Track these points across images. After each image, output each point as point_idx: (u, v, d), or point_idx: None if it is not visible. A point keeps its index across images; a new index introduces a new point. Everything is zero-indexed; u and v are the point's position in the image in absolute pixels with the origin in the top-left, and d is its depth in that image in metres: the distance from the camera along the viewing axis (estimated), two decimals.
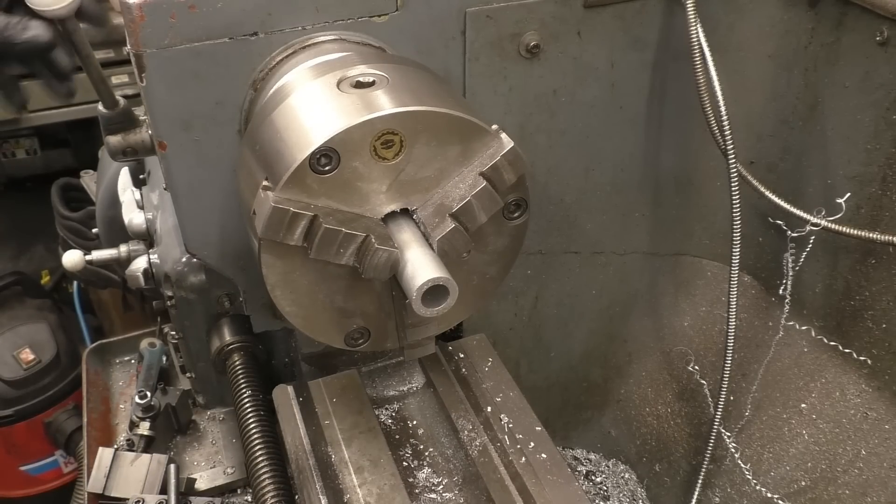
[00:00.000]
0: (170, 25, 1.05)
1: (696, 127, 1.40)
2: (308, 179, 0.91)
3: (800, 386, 1.54)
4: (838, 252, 1.43)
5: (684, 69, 1.32)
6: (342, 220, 0.93)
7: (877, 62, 1.27)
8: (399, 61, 1.07)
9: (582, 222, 1.55)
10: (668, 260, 1.71)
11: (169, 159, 1.15)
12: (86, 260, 1.55)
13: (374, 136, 0.91)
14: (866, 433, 1.42)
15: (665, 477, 1.77)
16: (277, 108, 1.00)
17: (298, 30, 1.12)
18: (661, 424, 1.78)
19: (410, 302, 0.92)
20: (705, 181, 1.57)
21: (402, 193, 0.97)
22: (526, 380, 1.74)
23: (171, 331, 1.64)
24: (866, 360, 1.42)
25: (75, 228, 2.43)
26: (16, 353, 2.35)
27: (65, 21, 1.14)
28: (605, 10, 1.30)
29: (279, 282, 0.99)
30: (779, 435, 1.55)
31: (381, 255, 0.94)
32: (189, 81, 1.09)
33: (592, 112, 1.40)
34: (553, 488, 1.13)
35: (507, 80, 1.30)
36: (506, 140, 0.96)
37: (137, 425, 1.48)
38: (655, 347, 1.79)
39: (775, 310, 1.57)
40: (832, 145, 1.40)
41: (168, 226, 1.42)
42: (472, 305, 1.13)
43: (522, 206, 1.04)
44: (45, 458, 2.47)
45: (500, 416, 1.24)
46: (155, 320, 1.76)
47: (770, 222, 1.50)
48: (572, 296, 1.67)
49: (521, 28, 1.26)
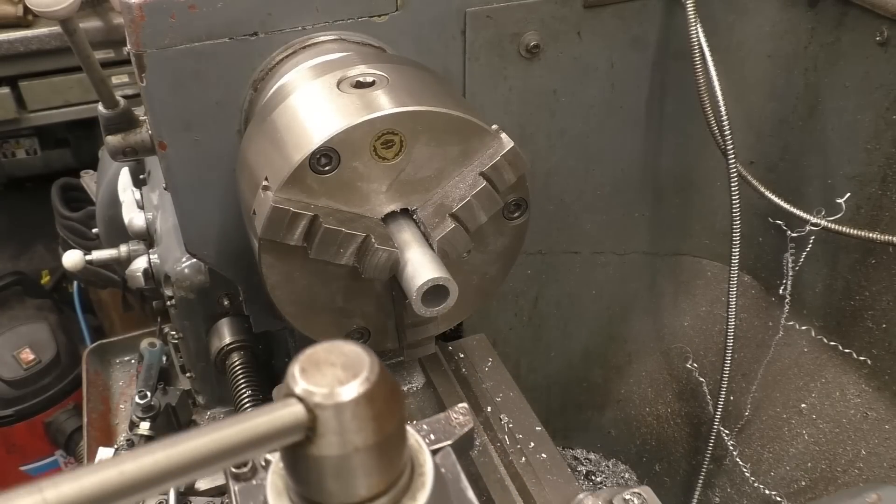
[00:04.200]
0: (170, 25, 1.05)
1: (696, 127, 1.40)
2: (308, 179, 0.91)
3: (800, 386, 1.54)
4: (838, 252, 1.43)
5: (684, 69, 1.32)
6: (342, 220, 0.93)
7: (877, 62, 1.27)
8: (399, 61, 1.07)
9: (582, 222, 1.55)
10: (668, 260, 1.71)
11: (169, 159, 1.15)
12: (86, 260, 1.55)
13: (374, 136, 0.91)
14: (866, 433, 1.42)
15: (665, 477, 1.77)
16: (277, 108, 1.00)
17: (298, 30, 1.12)
18: (661, 424, 1.78)
19: (410, 302, 0.92)
20: (705, 181, 1.57)
21: (402, 193, 0.97)
22: (526, 380, 1.74)
23: (171, 331, 1.63)
24: (866, 360, 1.42)
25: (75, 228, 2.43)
26: (16, 353, 2.36)
27: (65, 21, 1.14)
28: (605, 10, 1.30)
29: (279, 282, 0.99)
30: (779, 435, 1.55)
31: (381, 255, 0.94)
32: (189, 81, 1.09)
33: (592, 112, 1.40)
34: (553, 488, 1.13)
35: (507, 80, 1.30)
36: (506, 140, 0.96)
37: (137, 425, 1.48)
38: (655, 347, 1.79)
39: (775, 310, 1.57)
40: (832, 145, 1.40)
41: (168, 226, 1.42)
42: (472, 305, 1.13)
43: (522, 206, 1.04)
44: (45, 458, 2.47)
45: (500, 416, 1.24)
46: (155, 320, 1.75)
47: (770, 222, 1.50)
48: (572, 296, 1.67)
49: (521, 28, 1.26)
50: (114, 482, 0.41)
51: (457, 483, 0.60)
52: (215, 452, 0.45)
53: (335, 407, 0.47)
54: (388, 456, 0.51)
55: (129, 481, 0.42)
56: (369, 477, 0.50)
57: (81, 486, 0.40)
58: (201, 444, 0.45)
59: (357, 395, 0.48)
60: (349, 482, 0.50)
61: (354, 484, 0.50)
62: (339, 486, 0.50)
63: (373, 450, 0.49)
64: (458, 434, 0.66)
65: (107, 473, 0.41)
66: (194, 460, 0.44)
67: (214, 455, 0.45)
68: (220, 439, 0.46)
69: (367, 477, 0.50)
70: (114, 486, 0.41)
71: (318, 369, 0.49)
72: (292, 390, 0.48)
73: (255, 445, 0.46)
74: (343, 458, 0.48)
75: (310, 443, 0.48)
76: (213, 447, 0.45)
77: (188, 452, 0.44)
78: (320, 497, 0.51)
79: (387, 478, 0.52)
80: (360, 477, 0.50)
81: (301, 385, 0.48)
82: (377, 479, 0.51)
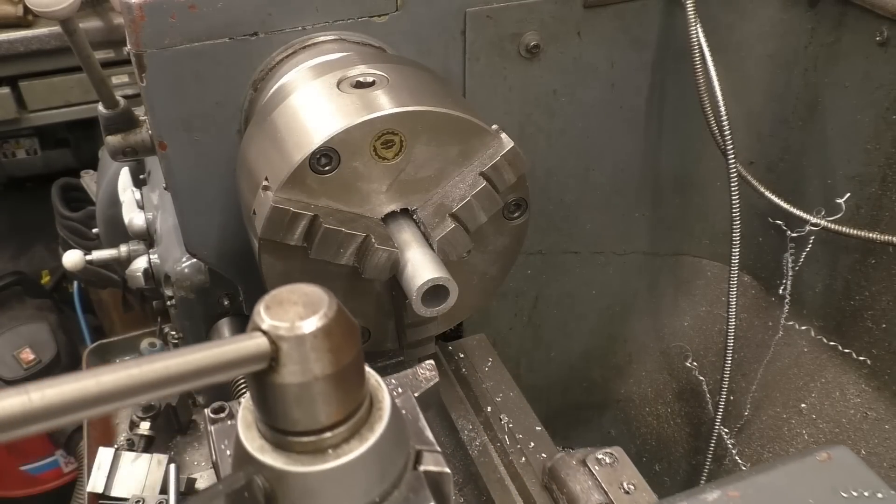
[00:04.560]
0: (170, 25, 1.05)
1: (696, 127, 1.40)
2: (308, 179, 0.91)
3: (799, 386, 1.54)
4: (838, 252, 1.43)
5: (684, 69, 1.32)
6: (342, 220, 0.94)
7: (877, 62, 1.27)
8: (399, 61, 1.07)
9: (582, 222, 1.55)
10: (668, 260, 1.71)
11: (169, 159, 1.15)
12: (86, 260, 1.55)
13: (374, 136, 0.91)
14: (866, 433, 1.42)
15: (665, 477, 1.77)
16: (277, 108, 1.00)
17: (298, 30, 1.12)
18: (661, 424, 1.78)
19: (410, 302, 0.92)
20: (705, 181, 1.57)
21: (402, 193, 0.97)
22: (526, 380, 1.74)
23: (171, 331, 1.64)
24: (866, 360, 1.42)
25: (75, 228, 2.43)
26: (16, 353, 2.36)
27: (65, 21, 1.14)
28: (605, 10, 1.30)
29: (279, 282, 0.98)
30: (778, 435, 1.55)
31: (381, 255, 0.94)
32: (189, 81, 1.10)
33: (592, 112, 1.40)
34: None
35: (507, 80, 1.30)
36: (506, 140, 0.97)
37: (137, 425, 1.48)
38: (655, 347, 1.79)
39: (775, 310, 1.57)
40: (832, 145, 1.40)
41: (168, 226, 1.42)
42: (472, 305, 1.13)
43: (522, 206, 1.04)
44: (45, 458, 2.47)
45: (500, 416, 1.24)
46: (155, 320, 1.75)
47: (770, 222, 1.50)
48: (572, 296, 1.67)
49: (521, 28, 1.26)
50: (91, 390, 0.47)
51: (416, 423, 0.65)
52: (185, 372, 0.51)
53: (296, 339, 0.52)
54: (345, 387, 0.56)
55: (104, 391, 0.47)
56: (329, 405, 0.55)
57: (62, 391, 0.46)
58: (173, 363, 0.50)
59: (315, 329, 0.53)
60: (310, 409, 0.55)
61: (315, 411, 0.55)
62: (301, 413, 0.55)
63: (331, 379, 0.54)
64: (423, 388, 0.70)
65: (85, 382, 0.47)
66: (166, 377, 0.50)
67: (184, 374, 0.51)
68: (190, 361, 0.51)
69: (326, 405, 0.55)
70: (91, 393, 0.47)
71: (280, 307, 0.54)
72: (258, 325, 0.54)
73: (222, 369, 0.52)
74: (303, 386, 0.53)
75: (273, 371, 0.53)
76: (183, 367, 0.51)
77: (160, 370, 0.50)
78: (285, 425, 0.55)
79: (345, 407, 0.56)
80: (320, 405, 0.55)
81: (265, 320, 0.53)
82: (336, 408, 0.56)
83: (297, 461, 0.56)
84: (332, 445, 0.56)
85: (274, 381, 0.53)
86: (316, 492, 0.56)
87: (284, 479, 0.56)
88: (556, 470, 1.07)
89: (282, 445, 0.57)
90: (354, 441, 0.57)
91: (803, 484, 0.84)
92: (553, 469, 1.07)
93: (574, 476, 1.03)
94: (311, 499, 0.56)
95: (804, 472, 0.85)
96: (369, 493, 0.58)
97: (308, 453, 0.56)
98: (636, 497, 0.99)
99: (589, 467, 1.03)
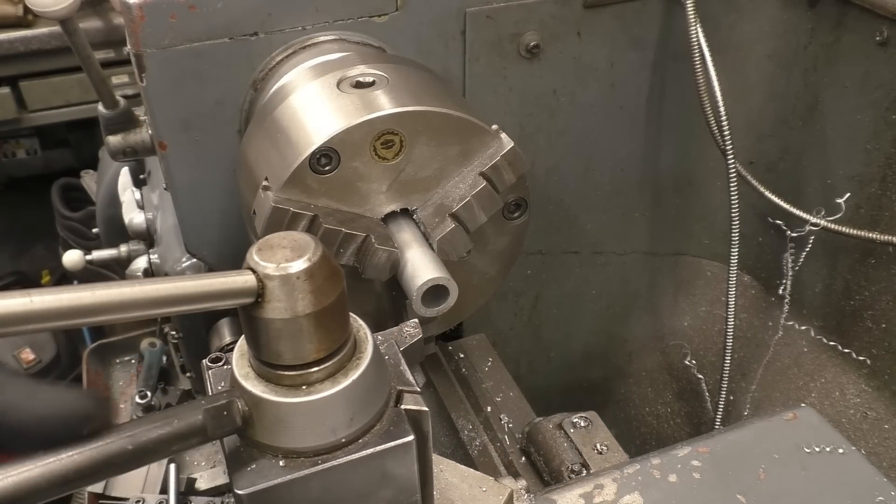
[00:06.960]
0: (170, 25, 1.05)
1: (696, 127, 1.40)
2: (308, 179, 0.91)
3: (799, 386, 1.54)
4: (838, 252, 1.43)
5: (684, 69, 1.32)
6: (342, 220, 0.94)
7: (876, 62, 1.27)
8: (399, 61, 1.07)
9: (582, 222, 1.55)
10: (668, 260, 1.71)
11: (169, 159, 1.15)
12: (86, 260, 1.55)
13: (374, 136, 0.91)
14: (866, 433, 1.42)
15: None
16: (277, 108, 1.00)
17: (298, 30, 1.12)
18: (661, 424, 1.78)
19: (410, 302, 0.92)
20: (705, 181, 1.57)
21: (402, 193, 0.97)
22: (526, 380, 1.74)
23: (171, 331, 1.63)
24: (866, 360, 1.42)
25: (75, 228, 2.43)
26: (16, 353, 2.36)
27: (65, 21, 1.14)
28: (605, 10, 1.30)
29: None
30: None
31: (381, 255, 0.94)
32: (189, 81, 1.10)
33: (592, 112, 1.40)
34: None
35: (507, 80, 1.30)
36: (506, 140, 0.97)
37: None
38: (655, 347, 1.79)
39: (775, 310, 1.57)
40: (832, 145, 1.40)
41: (168, 226, 1.42)
42: (472, 305, 1.13)
43: (522, 206, 1.04)
44: None
45: (500, 416, 1.24)
46: (155, 320, 1.76)
47: (769, 222, 1.50)
48: (572, 296, 1.67)
49: (521, 28, 1.26)
50: (86, 301, 0.51)
51: (397, 367, 0.72)
52: (177, 296, 0.56)
53: (280, 278, 0.58)
54: (329, 326, 0.61)
55: (98, 303, 0.52)
56: (313, 342, 0.60)
57: (60, 297, 0.50)
58: (164, 287, 0.56)
59: (299, 270, 0.58)
60: (291, 345, 0.59)
61: (301, 346, 0.60)
62: (282, 347, 0.60)
63: (314, 317, 0.59)
64: (407, 343, 0.76)
65: (83, 294, 0.51)
66: (157, 298, 0.55)
67: (176, 297, 0.56)
68: (182, 287, 0.57)
69: (310, 342, 0.60)
70: (85, 303, 0.51)
71: (270, 250, 0.59)
72: (248, 264, 0.59)
73: (211, 299, 0.57)
74: (288, 321, 0.58)
75: (259, 307, 0.58)
76: (174, 291, 0.56)
77: (152, 291, 0.55)
78: (268, 357, 0.60)
79: (329, 345, 0.61)
80: (304, 341, 0.60)
81: (255, 260, 0.59)
82: (320, 344, 0.60)
83: (273, 391, 0.61)
84: (308, 382, 0.61)
85: (259, 316, 0.58)
86: (286, 421, 0.61)
87: (261, 405, 0.61)
88: (533, 433, 1.11)
89: (264, 376, 0.62)
90: (329, 381, 0.62)
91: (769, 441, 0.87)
92: (531, 433, 1.12)
93: (551, 438, 1.08)
94: (281, 426, 0.61)
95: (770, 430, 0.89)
96: (336, 431, 0.62)
97: (285, 386, 0.61)
98: (608, 457, 1.04)
99: (565, 430, 1.08)
